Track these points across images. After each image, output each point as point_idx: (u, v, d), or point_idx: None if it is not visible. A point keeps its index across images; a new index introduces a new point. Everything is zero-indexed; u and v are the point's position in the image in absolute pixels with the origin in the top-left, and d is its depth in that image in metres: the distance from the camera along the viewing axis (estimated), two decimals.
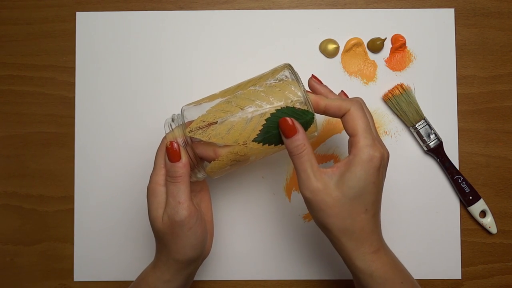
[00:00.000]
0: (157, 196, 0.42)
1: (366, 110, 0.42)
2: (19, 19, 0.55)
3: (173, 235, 0.41)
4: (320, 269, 0.54)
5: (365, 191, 0.39)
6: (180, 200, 0.40)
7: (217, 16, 0.55)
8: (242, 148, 0.41)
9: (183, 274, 0.43)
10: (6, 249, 0.54)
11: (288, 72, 0.42)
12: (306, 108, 0.41)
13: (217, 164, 0.41)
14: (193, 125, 0.41)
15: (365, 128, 0.40)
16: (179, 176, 0.41)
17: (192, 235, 0.41)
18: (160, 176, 0.42)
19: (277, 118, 0.40)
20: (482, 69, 0.54)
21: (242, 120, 0.40)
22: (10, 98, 0.55)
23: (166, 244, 0.42)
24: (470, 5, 0.55)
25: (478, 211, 0.53)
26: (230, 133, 0.40)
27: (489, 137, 0.54)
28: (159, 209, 0.42)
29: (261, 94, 0.41)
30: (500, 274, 0.53)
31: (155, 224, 0.42)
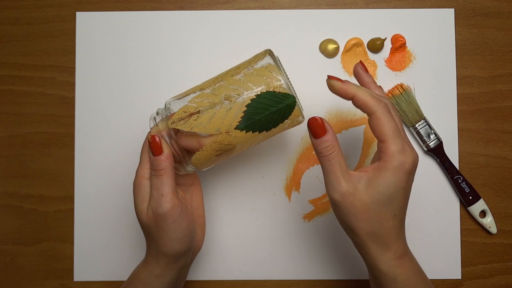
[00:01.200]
0: (142, 190, 0.42)
1: (393, 112, 0.41)
2: (19, 19, 0.55)
3: (158, 228, 0.41)
4: (320, 269, 0.54)
5: (395, 197, 0.38)
6: (163, 193, 0.40)
7: (217, 16, 0.55)
8: (226, 136, 0.41)
9: (173, 268, 0.43)
10: (6, 249, 0.54)
11: (268, 58, 0.42)
12: (287, 92, 0.40)
13: (202, 155, 0.41)
14: (175, 117, 0.41)
15: (394, 133, 0.38)
16: (162, 169, 0.40)
17: (176, 228, 0.41)
18: (145, 169, 0.42)
19: (258, 104, 0.40)
20: (482, 69, 0.54)
21: (223, 108, 0.40)
22: (10, 98, 0.55)
23: (153, 238, 0.42)
24: (470, 5, 0.55)
25: (478, 211, 0.53)
26: (212, 122, 0.40)
27: (489, 137, 0.54)
28: (143, 202, 0.42)
29: (242, 81, 0.41)
30: (500, 274, 0.53)
31: (140, 218, 0.42)
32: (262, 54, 0.43)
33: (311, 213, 0.54)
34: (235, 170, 0.54)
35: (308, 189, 0.54)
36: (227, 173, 0.54)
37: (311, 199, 0.54)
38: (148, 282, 0.43)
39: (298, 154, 0.54)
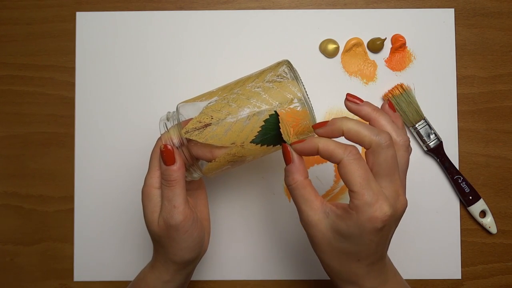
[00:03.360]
0: (152, 200, 0.41)
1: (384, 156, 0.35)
2: (19, 19, 0.55)
3: (170, 238, 0.40)
4: (320, 269, 0.53)
5: (359, 247, 0.35)
6: (176, 204, 0.39)
7: (217, 16, 0.55)
8: (240, 149, 0.40)
9: (182, 274, 0.43)
10: (6, 249, 0.54)
11: (287, 70, 0.41)
12: (305, 108, 0.39)
13: (214, 165, 0.41)
14: (189, 126, 0.39)
15: (362, 183, 0.34)
16: (174, 180, 0.39)
17: (188, 238, 0.40)
18: (154, 178, 0.41)
19: (276, 119, 0.39)
20: (482, 69, 0.54)
21: (240, 121, 0.39)
22: (10, 98, 0.55)
23: (163, 247, 0.41)
24: (470, 5, 0.55)
25: (478, 211, 0.53)
26: (228, 134, 0.39)
27: (489, 137, 0.54)
28: (154, 212, 0.41)
29: (260, 93, 0.40)
30: (500, 274, 0.53)
31: (151, 228, 0.41)
32: (280, 64, 0.42)
33: None
34: (235, 170, 0.54)
35: None
36: (227, 173, 0.54)
37: None
38: (155, 287, 0.43)
39: None
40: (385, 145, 0.35)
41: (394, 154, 0.35)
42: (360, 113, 0.38)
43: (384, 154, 0.35)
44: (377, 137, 0.35)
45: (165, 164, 0.39)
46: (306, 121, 0.40)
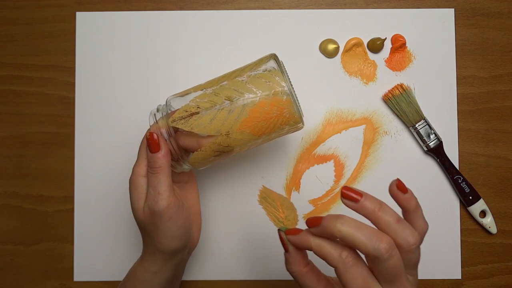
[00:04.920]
0: (138, 188, 0.42)
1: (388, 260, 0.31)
2: (19, 19, 0.55)
3: (154, 225, 0.41)
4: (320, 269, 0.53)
5: None
6: (160, 191, 0.40)
7: (217, 16, 0.55)
8: (225, 138, 0.41)
9: (170, 265, 0.43)
10: (6, 249, 0.54)
11: (273, 62, 0.42)
12: (289, 98, 0.40)
13: (201, 155, 0.41)
14: (175, 115, 0.40)
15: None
16: (159, 167, 0.40)
17: (172, 225, 0.41)
18: (141, 167, 0.42)
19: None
20: (482, 69, 0.54)
21: (225, 110, 0.40)
22: (10, 98, 0.55)
23: (149, 235, 0.42)
24: (470, 5, 0.55)
25: (478, 211, 0.53)
26: (213, 123, 0.40)
27: (489, 137, 0.54)
28: (140, 200, 0.42)
29: (245, 84, 0.41)
30: (500, 274, 0.53)
31: (136, 215, 0.42)
32: (267, 58, 0.43)
33: (311, 213, 0.54)
34: (235, 170, 0.54)
35: (308, 189, 0.54)
36: (227, 173, 0.54)
37: (311, 199, 0.54)
38: (145, 279, 0.43)
39: (298, 154, 0.54)
40: (385, 257, 0.31)
41: (396, 261, 0.31)
42: (362, 213, 0.33)
43: (383, 264, 0.31)
44: (374, 247, 0.31)
45: (151, 151, 0.41)
46: (290, 110, 0.40)
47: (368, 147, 0.54)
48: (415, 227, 0.34)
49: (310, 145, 0.54)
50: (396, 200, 0.34)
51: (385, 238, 0.31)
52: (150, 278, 0.43)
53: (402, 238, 0.32)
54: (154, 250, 0.42)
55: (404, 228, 0.32)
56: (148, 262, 0.43)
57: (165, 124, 0.41)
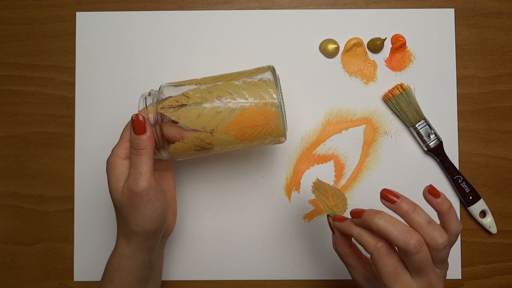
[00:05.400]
0: (116, 169, 0.42)
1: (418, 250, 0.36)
2: (19, 19, 0.55)
3: (132, 206, 0.41)
4: (320, 269, 0.54)
5: None
6: (142, 171, 0.41)
7: (217, 16, 0.55)
8: (208, 135, 0.41)
9: (143, 248, 0.43)
10: (6, 249, 0.54)
11: (269, 74, 0.43)
12: (278, 111, 0.41)
13: (181, 146, 0.42)
14: (165, 103, 0.41)
15: (390, 278, 0.36)
16: (143, 149, 0.41)
17: (151, 207, 0.41)
18: (121, 149, 0.42)
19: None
20: (482, 69, 0.54)
21: (214, 108, 0.41)
22: (10, 98, 0.55)
23: (125, 217, 0.42)
24: (470, 5, 0.55)
25: (478, 211, 0.53)
26: (200, 118, 0.41)
27: (489, 137, 0.54)
28: (118, 181, 0.42)
29: (239, 88, 0.42)
30: (500, 274, 0.53)
31: (114, 196, 0.42)
32: (265, 68, 0.44)
33: (311, 213, 0.54)
34: (235, 170, 0.54)
35: (308, 189, 0.54)
36: (227, 173, 0.54)
37: (311, 199, 0.54)
38: (120, 265, 0.43)
39: (298, 154, 0.54)
40: (413, 251, 0.35)
41: (424, 256, 0.36)
42: (397, 213, 0.38)
43: (411, 258, 0.36)
44: (405, 242, 0.35)
45: (135, 132, 0.41)
46: (276, 122, 0.41)
47: (368, 147, 0.54)
48: (448, 227, 0.38)
49: (310, 145, 0.54)
50: (429, 203, 0.39)
51: (415, 236, 0.36)
52: (125, 264, 0.43)
53: (431, 238, 0.36)
54: (128, 233, 0.42)
55: (433, 230, 0.36)
56: (121, 247, 0.43)
57: (154, 110, 0.42)
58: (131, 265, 0.43)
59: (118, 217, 0.44)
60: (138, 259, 0.43)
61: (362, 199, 0.53)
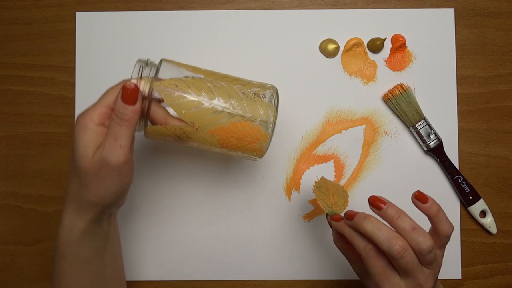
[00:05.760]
0: (88, 133, 0.39)
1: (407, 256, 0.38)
2: (19, 19, 0.55)
3: (98, 177, 0.38)
4: (320, 269, 0.54)
5: None
6: (122, 144, 0.38)
7: (217, 16, 0.55)
8: (193, 131, 0.40)
9: (97, 220, 0.40)
10: (6, 249, 0.54)
11: (271, 94, 0.43)
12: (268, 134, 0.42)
13: (160, 130, 0.40)
14: (164, 83, 0.39)
15: (379, 278, 0.39)
16: (127, 120, 0.38)
17: (119, 181, 0.39)
18: (97, 113, 0.39)
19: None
20: (482, 69, 0.54)
21: (211, 109, 0.40)
22: (10, 98, 0.55)
23: (85, 186, 0.39)
24: (470, 5, 0.55)
25: (478, 211, 0.53)
26: (192, 112, 0.40)
27: (489, 137, 0.54)
28: (87, 147, 0.38)
29: (241, 98, 0.41)
30: (500, 274, 0.53)
31: (80, 162, 0.38)
32: (269, 87, 0.44)
33: (311, 213, 0.54)
34: (235, 170, 0.54)
35: (308, 189, 0.54)
36: (227, 173, 0.54)
37: (311, 199, 0.54)
38: (72, 240, 0.40)
39: (298, 154, 0.54)
40: (397, 256, 0.37)
41: (409, 261, 0.37)
42: (384, 218, 0.40)
43: (397, 261, 0.38)
44: (389, 247, 0.37)
45: (125, 101, 0.38)
46: (262, 144, 0.42)
47: (368, 147, 0.54)
48: (438, 230, 0.40)
49: (310, 145, 0.54)
50: (418, 208, 0.40)
51: (400, 241, 0.37)
52: (78, 239, 0.40)
53: (415, 244, 0.38)
54: (82, 203, 0.39)
55: (418, 235, 0.38)
56: (72, 219, 0.40)
57: (149, 84, 0.40)
58: (84, 238, 0.40)
59: (73, 186, 0.40)
60: (91, 231, 0.40)
61: (362, 199, 0.53)
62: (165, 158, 0.54)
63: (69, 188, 0.41)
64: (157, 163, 0.54)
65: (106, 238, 0.43)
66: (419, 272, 0.38)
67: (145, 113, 0.40)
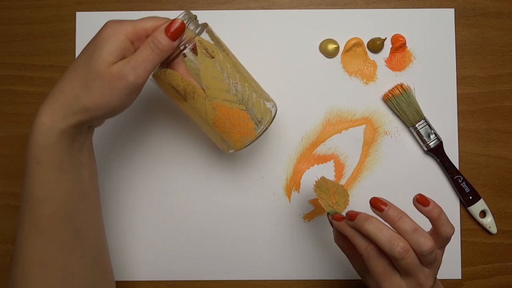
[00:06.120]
0: (116, 41, 0.38)
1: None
2: (19, 19, 0.55)
3: (109, 86, 0.37)
4: (320, 269, 0.54)
5: None
6: (146, 67, 0.38)
7: (217, 16, 0.55)
8: (201, 94, 0.42)
9: (79, 126, 0.39)
10: (6, 249, 0.54)
11: (272, 106, 0.46)
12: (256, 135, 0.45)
13: (176, 78, 0.41)
14: (204, 43, 0.42)
15: (380, 277, 0.39)
16: (162, 50, 0.39)
17: (123, 100, 0.38)
18: (131, 29, 0.39)
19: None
20: (482, 69, 0.54)
21: (227, 85, 0.43)
22: (10, 98, 0.55)
23: (88, 89, 0.38)
24: (470, 5, 0.55)
25: (478, 211, 0.53)
26: (212, 80, 0.42)
27: (489, 137, 0.54)
28: (111, 54, 0.38)
29: (252, 93, 0.45)
30: (500, 274, 0.53)
31: (99, 65, 0.37)
32: (272, 101, 0.47)
33: (311, 213, 0.54)
34: (235, 170, 0.54)
35: (308, 189, 0.54)
36: (227, 173, 0.54)
37: (311, 199, 0.54)
38: (51, 142, 0.38)
39: (298, 154, 0.54)
40: (398, 257, 0.38)
41: (410, 261, 0.38)
42: (385, 220, 0.40)
43: (398, 262, 0.38)
44: (390, 248, 0.38)
45: (169, 35, 0.39)
46: (245, 139, 0.45)
47: (368, 147, 0.54)
48: (439, 232, 0.40)
49: (310, 145, 0.54)
50: (419, 211, 0.40)
51: (401, 243, 0.38)
52: (57, 141, 0.38)
53: (416, 245, 0.38)
54: (73, 104, 0.38)
55: (419, 237, 0.38)
56: (53, 118, 0.38)
57: (191, 36, 0.41)
58: (61, 142, 0.38)
59: (70, 85, 0.38)
60: (69, 138, 0.39)
61: (362, 199, 0.53)
62: (165, 158, 0.54)
63: (61, 87, 0.39)
64: (157, 163, 0.54)
65: (81, 150, 0.41)
66: (420, 272, 0.39)
67: (173, 57, 0.41)
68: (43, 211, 0.39)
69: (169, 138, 0.54)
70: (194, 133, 0.54)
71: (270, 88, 0.53)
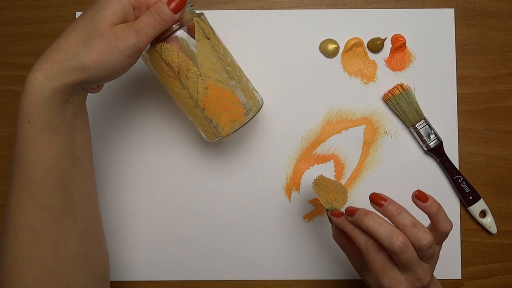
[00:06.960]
0: (120, 4, 0.39)
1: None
2: (19, 19, 0.55)
3: (109, 45, 0.37)
4: (320, 269, 0.54)
5: None
6: (149, 33, 0.39)
7: (217, 16, 0.55)
8: (195, 72, 0.43)
9: (74, 86, 0.38)
10: None
11: (260, 103, 0.47)
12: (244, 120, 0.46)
13: (172, 53, 0.42)
14: (202, 24, 0.44)
15: (379, 272, 0.40)
16: (164, 20, 0.40)
17: (122, 62, 0.38)
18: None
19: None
20: (482, 69, 0.54)
21: (221, 67, 0.44)
22: (10, 98, 0.55)
23: (89, 46, 0.37)
24: (470, 5, 0.55)
25: (478, 211, 0.53)
26: (206, 59, 0.43)
27: (489, 137, 0.54)
28: (114, 15, 0.38)
29: (243, 80, 0.46)
30: (500, 274, 0.53)
31: (101, 22, 0.38)
32: (258, 92, 0.48)
33: (311, 213, 0.54)
34: (234, 170, 0.54)
35: (308, 189, 0.54)
36: (227, 173, 0.54)
37: (311, 199, 0.54)
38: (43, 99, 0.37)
39: (298, 154, 0.54)
40: (397, 252, 0.38)
41: (409, 256, 0.38)
42: (385, 215, 0.40)
43: (397, 257, 0.38)
44: (390, 243, 0.38)
45: (170, 6, 0.40)
46: (232, 126, 0.45)
47: (368, 147, 0.54)
48: (438, 227, 0.40)
49: (310, 145, 0.54)
50: (418, 207, 0.41)
51: (400, 237, 0.38)
52: (49, 99, 0.37)
53: (416, 239, 0.38)
54: (72, 63, 0.37)
55: (418, 231, 0.39)
56: (48, 76, 0.38)
57: (190, 17, 0.43)
58: (54, 100, 0.37)
59: (70, 42, 0.38)
60: (63, 97, 0.38)
61: (362, 199, 0.53)
62: (165, 158, 0.54)
63: (59, 44, 0.38)
64: (157, 163, 0.54)
65: (74, 114, 0.40)
66: (419, 267, 0.39)
67: (171, 32, 0.42)
68: (34, 174, 0.38)
69: (169, 138, 0.54)
70: (195, 133, 0.54)
71: (270, 87, 0.54)
